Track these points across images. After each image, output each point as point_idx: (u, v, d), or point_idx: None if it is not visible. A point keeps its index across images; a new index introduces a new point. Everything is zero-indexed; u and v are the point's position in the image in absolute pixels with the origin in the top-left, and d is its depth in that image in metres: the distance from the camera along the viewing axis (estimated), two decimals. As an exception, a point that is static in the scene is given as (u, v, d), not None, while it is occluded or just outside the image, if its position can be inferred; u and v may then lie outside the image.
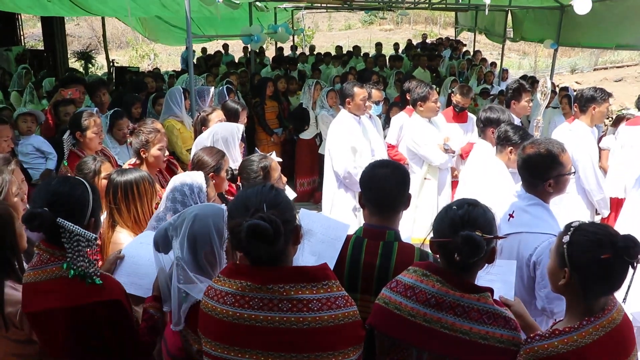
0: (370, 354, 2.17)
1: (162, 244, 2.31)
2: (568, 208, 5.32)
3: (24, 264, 2.52)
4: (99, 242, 3.34)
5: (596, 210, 5.44)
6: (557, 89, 9.27)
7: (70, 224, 2.16)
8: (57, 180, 2.32)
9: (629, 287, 1.99)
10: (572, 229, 2.02)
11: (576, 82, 21.04)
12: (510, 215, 3.03)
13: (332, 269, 2.42)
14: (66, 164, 4.60)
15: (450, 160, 5.86)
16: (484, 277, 2.52)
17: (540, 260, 2.78)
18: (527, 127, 7.38)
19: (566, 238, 2.00)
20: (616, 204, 5.86)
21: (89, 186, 2.31)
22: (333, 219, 2.72)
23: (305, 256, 2.53)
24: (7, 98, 9.82)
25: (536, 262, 2.81)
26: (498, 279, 2.53)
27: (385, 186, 2.53)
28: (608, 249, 1.90)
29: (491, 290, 2.05)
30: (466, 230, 1.94)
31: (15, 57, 13.97)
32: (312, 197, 8.40)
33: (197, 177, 2.96)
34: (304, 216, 2.73)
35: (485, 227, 2.00)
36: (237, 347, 1.88)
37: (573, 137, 5.15)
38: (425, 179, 5.87)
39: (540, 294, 2.82)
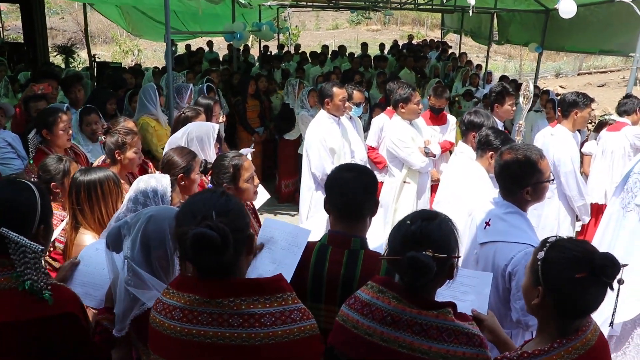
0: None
1: (112, 243, 2.19)
2: (548, 214, 5.27)
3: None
4: (55, 248, 3.22)
5: (577, 216, 5.38)
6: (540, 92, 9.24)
7: (14, 234, 1.98)
8: (0, 185, 2.15)
9: (614, 310, 1.87)
10: (548, 244, 1.88)
11: (560, 87, 21.11)
12: (487, 223, 2.93)
13: (290, 276, 2.33)
14: (32, 162, 4.44)
15: (430, 164, 5.76)
16: (458, 289, 2.43)
17: (516, 271, 2.68)
18: (511, 131, 7.32)
19: (541, 254, 1.86)
20: (597, 210, 5.82)
21: (36, 190, 2.13)
22: (294, 225, 2.59)
23: (265, 264, 2.43)
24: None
25: (512, 272, 2.71)
26: (472, 291, 2.43)
27: (349, 191, 2.40)
28: (584, 268, 1.76)
29: (453, 306, 1.92)
30: (417, 248, 1.80)
31: (-7, 50, 13.68)
32: (295, 198, 8.25)
33: (162, 180, 2.83)
34: (267, 224, 2.62)
35: (439, 245, 1.85)
36: None
37: (555, 141, 5.10)
38: (404, 182, 5.75)
39: (516, 306, 2.72)
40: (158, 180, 2.81)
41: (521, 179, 2.84)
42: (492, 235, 2.88)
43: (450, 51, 16.90)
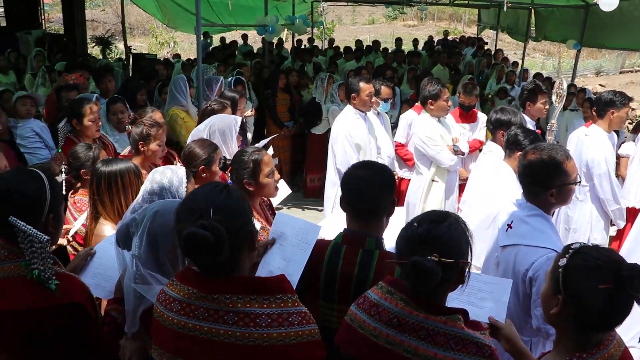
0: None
1: (122, 240, 2.18)
2: (581, 217, 5.12)
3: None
4: (70, 239, 3.24)
5: (611, 220, 5.20)
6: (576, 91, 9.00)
7: (22, 223, 1.98)
8: (10, 173, 2.15)
9: None
10: (571, 251, 1.77)
11: (600, 85, 20.54)
12: (509, 226, 2.83)
13: (300, 274, 2.29)
14: (60, 151, 4.50)
15: (459, 163, 5.64)
16: (476, 295, 2.34)
17: (537, 276, 2.58)
18: (544, 131, 7.13)
19: (563, 261, 1.75)
20: (634, 215, 5.61)
21: (46, 179, 2.13)
22: (305, 221, 2.52)
23: (276, 260, 2.39)
24: (21, 81, 9.82)
25: (532, 277, 2.61)
26: (490, 297, 2.33)
27: (365, 189, 2.33)
28: (609, 278, 1.64)
29: (464, 312, 1.83)
30: (423, 252, 1.72)
31: (34, 41, 13.97)
32: (322, 193, 8.21)
33: (178, 171, 2.81)
34: (279, 219, 2.57)
35: (446, 249, 1.76)
36: (180, 357, 1.74)
37: (589, 142, 4.94)
38: (432, 181, 5.65)
39: (536, 313, 2.62)
40: (174, 172, 2.79)
41: (545, 181, 2.73)
42: (514, 238, 2.79)
43: (486, 48, 16.60)
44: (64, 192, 3.59)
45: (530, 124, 4.92)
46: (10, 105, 5.75)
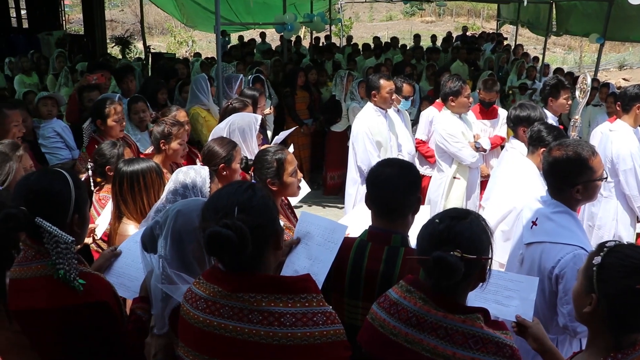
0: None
1: (149, 244, 2.19)
2: (605, 213, 5.05)
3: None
4: (99, 237, 3.27)
5: (638, 217, 5.12)
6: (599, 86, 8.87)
7: (47, 224, 2.00)
8: (35, 174, 2.15)
9: None
10: (605, 249, 1.73)
11: (624, 79, 20.26)
12: (533, 223, 2.80)
13: (326, 273, 2.28)
14: (84, 151, 4.55)
15: (480, 160, 5.59)
16: (502, 293, 2.32)
17: (564, 274, 2.55)
18: (567, 127, 7.04)
19: (597, 259, 1.71)
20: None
21: (71, 179, 2.14)
22: (331, 221, 2.51)
23: (301, 260, 2.38)
24: (43, 81, 9.95)
25: (559, 275, 2.58)
26: (517, 295, 2.31)
27: (390, 187, 2.33)
28: None
29: (484, 312, 1.81)
30: (445, 248, 1.71)
31: (55, 42, 14.16)
32: (342, 191, 8.22)
33: (201, 171, 2.82)
34: (303, 218, 2.56)
35: (468, 245, 1.74)
36: (205, 355, 1.74)
37: (614, 137, 4.86)
38: (454, 178, 5.61)
39: (563, 311, 2.59)
40: (197, 172, 2.80)
41: (571, 177, 2.69)
42: (539, 236, 2.76)
43: (505, 43, 16.43)
44: (91, 189, 3.64)
45: (553, 120, 4.86)
46: (34, 105, 5.83)
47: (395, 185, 2.32)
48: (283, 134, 4.97)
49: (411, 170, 2.42)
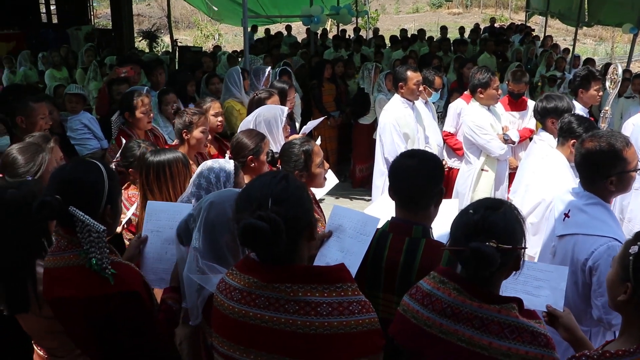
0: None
1: (185, 237, 2.22)
2: (637, 206, 4.96)
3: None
4: (125, 226, 3.31)
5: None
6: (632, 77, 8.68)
7: (81, 213, 2.03)
8: (70, 165, 2.18)
9: None
10: None
11: (657, 71, 19.80)
12: (566, 215, 2.77)
13: (358, 265, 2.28)
14: (114, 143, 4.61)
15: (509, 152, 5.53)
16: (532, 284, 2.30)
17: (597, 266, 2.52)
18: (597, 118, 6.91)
19: (634, 249, 1.70)
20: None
21: (104, 170, 2.17)
22: (363, 213, 2.52)
23: (333, 252, 2.39)
24: (72, 75, 10.11)
25: (592, 267, 2.55)
26: (547, 285, 2.29)
27: (411, 178, 2.32)
28: None
29: (518, 301, 1.81)
30: (480, 239, 1.71)
31: (84, 36, 14.36)
32: (369, 183, 8.20)
33: (225, 165, 2.83)
34: (335, 212, 2.56)
35: (503, 235, 1.74)
36: (242, 346, 1.75)
37: (646, 129, 4.76)
38: (482, 170, 5.56)
39: (597, 303, 2.56)
40: (222, 166, 2.81)
41: (604, 169, 2.65)
42: (572, 228, 2.72)
43: (534, 34, 16.18)
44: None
45: (583, 112, 4.78)
46: (64, 99, 5.93)
47: (417, 177, 2.32)
48: (310, 124, 4.98)
49: (433, 162, 2.41)
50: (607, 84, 4.84)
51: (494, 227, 1.75)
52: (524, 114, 6.03)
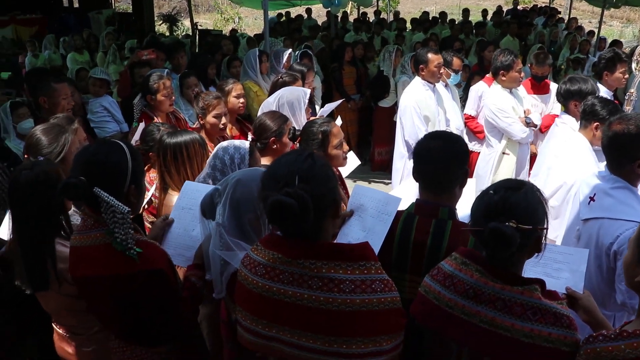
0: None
1: (208, 211, 2.23)
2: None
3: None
4: (145, 206, 3.34)
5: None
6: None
7: (105, 194, 2.05)
8: (94, 146, 2.20)
9: None
10: None
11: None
12: (591, 199, 2.73)
13: (380, 244, 2.28)
14: (136, 125, 4.64)
15: (530, 135, 5.46)
16: (551, 266, 2.29)
17: (622, 250, 2.48)
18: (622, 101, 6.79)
19: None
20: None
21: (128, 151, 2.19)
22: (384, 193, 2.51)
23: (355, 231, 2.39)
24: (93, 59, 10.19)
25: (617, 251, 2.52)
26: (566, 268, 2.27)
27: (436, 160, 2.30)
28: None
29: (541, 283, 1.79)
30: (500, 219, 1.69)
31: (105, 20, 14.44)
32: (389, 166, 8.17)
33: (241, 146, 2.84)
34: (357, 191, 2.56)
35: (524, 216, 1.72)
36: (265, 320, 1.78)
37: (673, 113, 4.67)
38: (503, 153, 5.50)
39: (621, 287, 2.54)
40: (236, 148, 2.82)
41: (632, 152, 2.62)
42: (597, 212, 2.69)
43: (559, 17, 15.90)
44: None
45: (607, 95, 4.70)
46: (86, 82, 5.97)
47: (441, 158, 2.30)
48: (329, 107, 4.97)
49: (458, 143, 2.39)
50: (633, 65, 4.77)
51: (514, 208, 1.73)
52: (547, 97, 5.94)
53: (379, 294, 1.70)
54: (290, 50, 6.74)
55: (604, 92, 4.68)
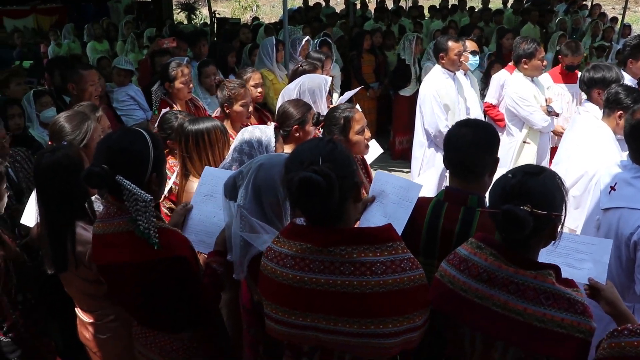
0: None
1: (229, 192, 2.26)
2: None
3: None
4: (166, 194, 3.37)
5: None
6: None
7: (127, 182, 2.07)
8: (116, 134, 2.23)
9: None
10: None
11: None
12: (612, 188, 2.71)
13: (402, 231, 2.31)
14: (156, 113, 4.68)
15: (552, 124, 5.40)
16: (574, 256, 2.28)
17: (643, 241, 2.47)
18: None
19: None
20: None
21: (150, 139, 2.21)
22: (406, 180, 2.54)
23: (376, 217, 2.41)
24: (113, 48, 10.25)
25: (637, 242, 2.51)
26: (589, 258, 2.27)
27: (463, 147, 2.31)
28: None
29: (555, 269, 1.79)
30: (514, 203, 1.69)
31: (123, 9, 14.50)
32: (409, 155, 8.12)
33: (266, 131, 2.87)
34: (378, 177, 2.59)
35: (540, 201, 1.71)
36: (298, 310, 1.80)
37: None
38: (524, 142, 5.46)
39: (640, 278, 2.52)
40: (262, 131, 2.86)
41: (655, 141, 2.58)
42: (617, 201, 2.68)
43: (582, 3, 15.61)
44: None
45: (632, 83, 4.64)
46: (107, 71, 6.03)
47: (471, 145, 2.30)
48: (347, 95, 4.97)
49: (488, 131, 2.39)
50: (658, 53, 4.67)
51: (530, 192, 1.73)
52: (574, 87, 5.85)
53: (408, 272, 1.74)
54: (307, 37, 6.72)
55: (628, 80, 4.62)
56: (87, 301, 2.65)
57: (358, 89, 5.40)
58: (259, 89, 4.75)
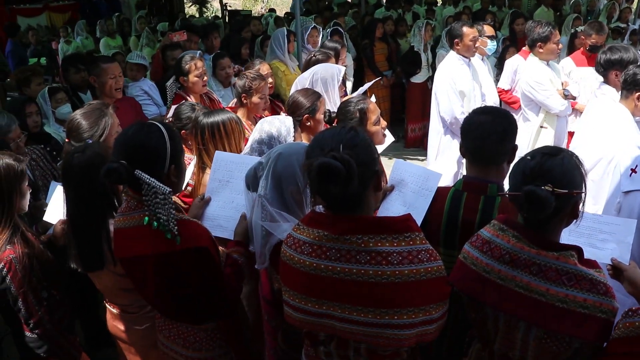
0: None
1: (252, 184, 2.27)
2: None
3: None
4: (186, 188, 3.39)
5: None
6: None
7: (146, 176, 2.08)
8: (133, 129, 2.23)
9: None
10: None
11: None
12: (633, 170, 2.68)
13: (421, 219, 2.30)
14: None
15: (569, 108, 5.34)
16: (597, 237, 2.26)
17: (664, 223, 2.43)
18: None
19: None
20: None
21: (166, 132, 2.21)
22: (425, 168, 2.53)
23: (396, 206, 2.41)
24: (126, 43, 10.29)
25: (659, 224, 2.47)
26: (612, 238, 2.25)
27: (482, 135, 2.27)
28: None
29: (578, 250, 1.78)
30: (534, 184, 1.69)
31: (135, 4, 14.55)
32: (423, 143, 8.13)
33: (285, 121, 2.88)
34: (397, 166, 2.58)
35: (560, 181, 1.71)
36: (314, 298, 1.81)
37: None
38: (541, 127, 5.41)
39: (662, 260, 2.48)
40: (282, 121, 2.86)
41: (676, 122, 2.55)
42: (638, 184, 2.64)
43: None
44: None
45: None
46: (121, 67, 6.02)
47: (489, 133, 2.27)
48: (362, 89, 4.96)
49: (506, 118, 2.36)
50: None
51: (550, 172, 1.73)
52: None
53: (426, 263, 1.73)
54: (313, 24, 6.68)
55: (645, 62, 4.54)
56: (124, 295, 2.66)
57: (373, 81, 5.37)
58: (269, 80, 4.75)
